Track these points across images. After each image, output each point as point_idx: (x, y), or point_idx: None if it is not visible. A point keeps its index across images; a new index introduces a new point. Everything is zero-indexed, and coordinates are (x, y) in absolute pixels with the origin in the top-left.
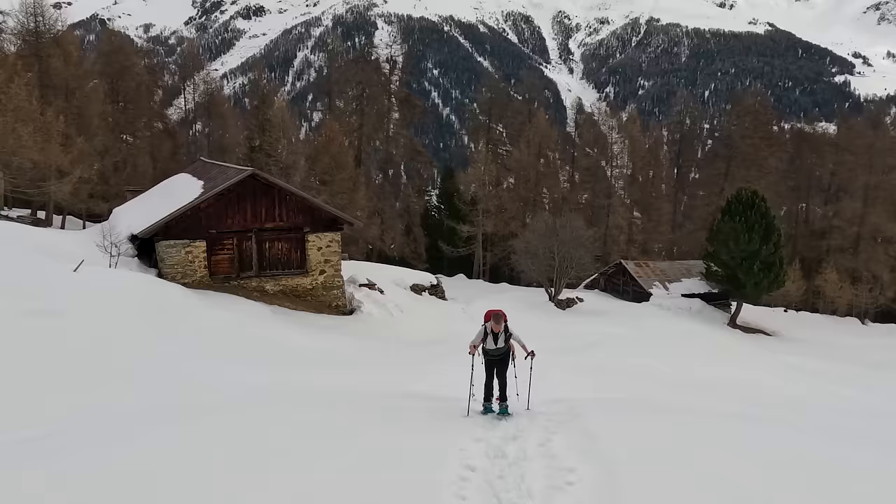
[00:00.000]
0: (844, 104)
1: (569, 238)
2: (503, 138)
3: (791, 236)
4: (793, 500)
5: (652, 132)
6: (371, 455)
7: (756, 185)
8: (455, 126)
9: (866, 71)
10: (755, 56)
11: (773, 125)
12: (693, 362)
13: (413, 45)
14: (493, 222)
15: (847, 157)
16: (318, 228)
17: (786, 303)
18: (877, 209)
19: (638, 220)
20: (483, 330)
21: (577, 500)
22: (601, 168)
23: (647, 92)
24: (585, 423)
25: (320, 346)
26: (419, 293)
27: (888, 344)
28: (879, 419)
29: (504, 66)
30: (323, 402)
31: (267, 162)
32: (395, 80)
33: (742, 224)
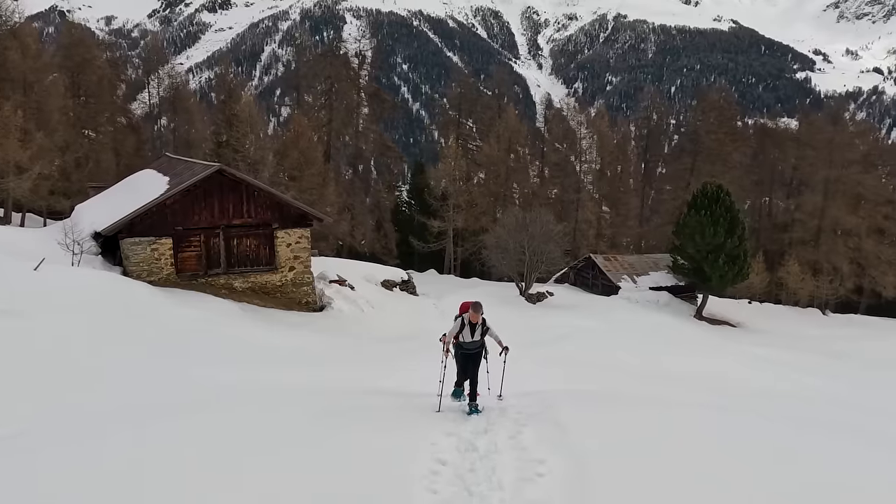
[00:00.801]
0: (805, 100)
1: (539, 233)
2: (473, 133)
3: (755, 229)
4: (761, 487)
5: (620, 127)
6: (342, 451)
7: (721, 179)
8: (425, 121)
9: (826, 68)
10: (720, 52)
11: (737, 121)
12: (661, 354)
13: (382, 39)
14: (464, 217)
15: (808, 151)
16: (286, 224)
17: (750, 294)
18: (836, 202)
19: (606, 214)
20: (461, 321)
21: (547, 492)
22: (570, 163)
23: (615, 88)
24: (555, 415)
25: (290, 344)
26: (390, 289)
27: (848, 334)
28: (844, 408)
29: (473, 62)
30: (292, 401)
31: (234, 157)
32: (364, 74)
33: (707, 218)
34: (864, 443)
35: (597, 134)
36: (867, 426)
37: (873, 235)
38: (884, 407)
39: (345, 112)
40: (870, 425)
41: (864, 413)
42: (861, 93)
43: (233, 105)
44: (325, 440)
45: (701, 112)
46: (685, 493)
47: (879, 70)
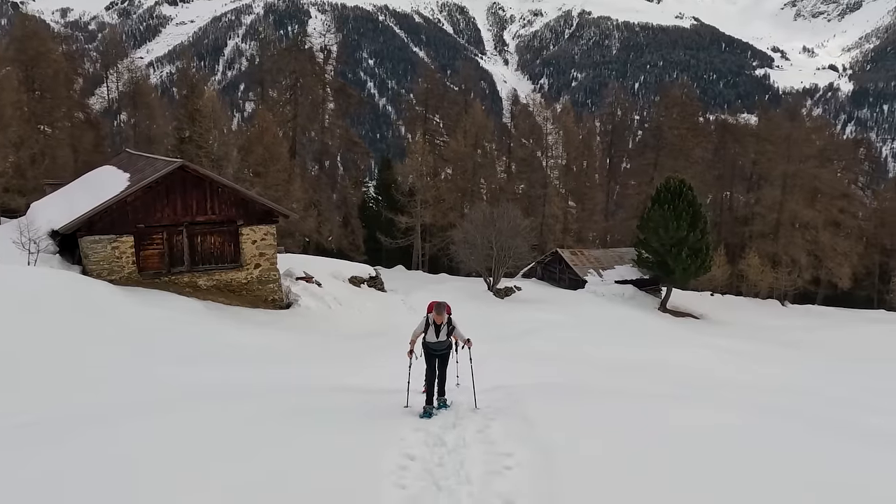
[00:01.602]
0: (765, 96)
1: (506, 228)
2: (440, 129)
3: (716, 223)
4: (725, 475)
5: (585, 123)
6: (309, 449)
7: (683, 174)
8: (392, 116)
9: (784, 65)
10: (682, 49)
11: (699, 117)
12: (627, 347)
13: (348, 34)
14: (432, 213)
15: (767, 147)
16: (252, 221)
17: (712, 287)
18: (794, 196)
19: (573, 209)
20: (425, 321)
21: (514, 484)
22: (537, 158)
23: (580, 84)
24: (523, 409)
25: (257, 342)
26: (358, 285)
27: (806, 324)
28: (804, 396)
29: (440, 57)
30: (260, 399)
31: (197, 153)
32: (329, 69)
33: (671, 212)
34: (809, 426)
35: (562, 129)
36: (822, 413)
37: (829, 228)
38: (844, 396)
39: (310, 107)
40: (826, 413)
41: (824, 401)
42: (817, 89)
43: (195, 100)
44: (292, 438)
45: (664, 108)
46: (650, 483)
47: (834, 67)
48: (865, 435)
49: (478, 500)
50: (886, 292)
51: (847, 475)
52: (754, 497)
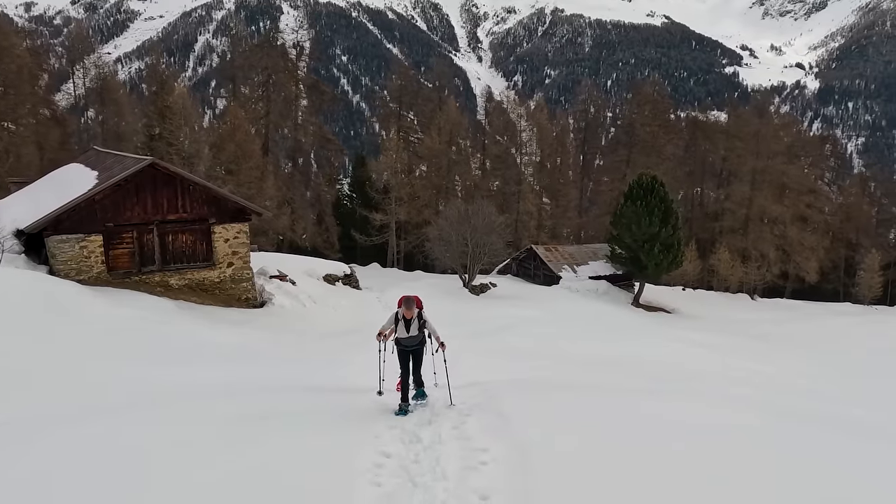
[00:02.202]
0: (734, 94)
1: (481, 225)
2: (414, 126)
3: (687, 219)
4: (698, 465)
5: (559, 120)
6: (284, 448)
7: (655, 170)
8: (366, 113)
9: (753, 63)
10: (653, 47)
11: (670, 114)
12: (601, 341)
13: (320, 30)
14: (406, 210)
15: (736, 143)
16: (224, 219)
17: (684, 282)
18: (763, 192)
19: (547, 205)
20: (394, 316)
21: (490, 479)
22: (511, 155)
23: (554, 81)
24: (498, 405)
25: (230, 341)
26: (332, 283)
27: (775, 318)
28: (772, 388)
29: (413, 54)
30: (234, 399)
31: (168, 151)
32: (302, 66)
33: (643, 208)
34: (773, 415)
35: (536, 126)
36: (791, 404)
37: (797, 223)
38: (814, 387)
39: (283, 104)
40: (798, 404)
41: (796, 393)
42: (785, 87)
43: (165, 97)
44: (266, 438)
45: (636, 105)
46: (625, 477)
47: (801, 65)
48: (826, 422)
49: (453, 495)
50: (852, 285)
51: (810, 459)
52: (728, 486)
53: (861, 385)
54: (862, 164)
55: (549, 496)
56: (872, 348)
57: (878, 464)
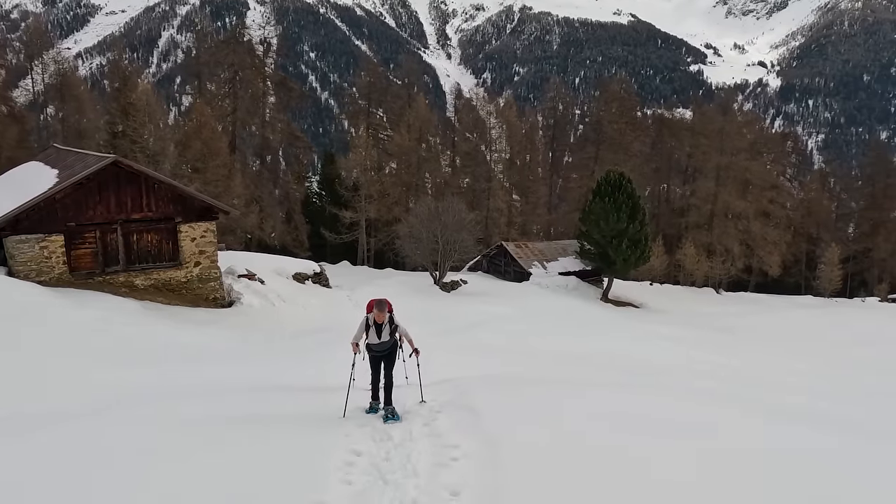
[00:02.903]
0: (699, 91)
1: (451, 222)
2: (384, 123)
3: (654, 215)
4: (664, 455)
5: (528, 117)
6: (254, 448)
7: (623, 167)
8: (335, 110)
9: (717, 61)
10: (620, 45)
11: (636, 111)
12: (571, 337)
13: (288, 26)
14: (376, 208)
15: (701, 140)
16: (190, 218)
17: (651, 276)
18: (727, 188)
19: (517, 202)
20: (365, 321)
21: (461, 475)
22: (481, 152)
23: (523, 78)
24: (469, 401)
25: (198, 341)
26: (302, 282)
27: (739, 311)
28: (736, 381)
29: (382, 51)
30: (202, 400)
31: (132, 149)
32: (269, 62)
33: (611, 204)
34: (738, 409)
35: (506, 124)
36: (756, 397)
37: (760, 218)
38: (779, 379)
39: (250, 101)
40: (763, 397)
41: (760, 386)
42: (748, 85)
43: (128, 93)
44: (238, 438)
45: (603, 103)
46: (595, 471)
47: (764, 64)
48: (786, 412)
49: (424, 492)
50: (813, 279)
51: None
52: (689, 478)
53: (828, 377)
54: (822, 160)
55: (520, 491)
56: (835, 340)
57: (839, 455)
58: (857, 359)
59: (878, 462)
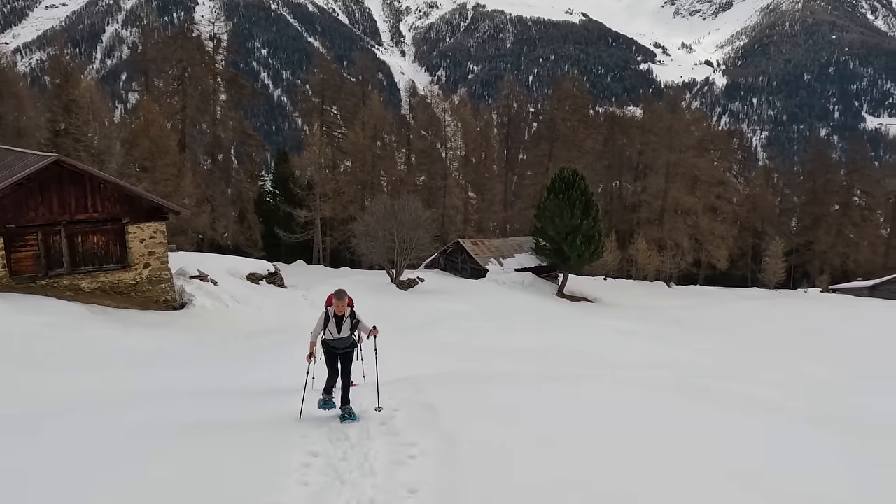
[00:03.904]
0: (648, 90)
1: (408, 219)
2: (338, 121)
3: (607, 211)
4: (621, 446)
5: (482, 115)
6: (208, 452)
7: (576, 164)
8: (287, 108)
9: (665, 60)
10: (572, 44)
11: (589, 109)
12: (528, 332)
13: (238, 22)
14: (332, 206)
15: (651, 138)
16: (139, 219)
17: (605, 272)
18: (676, 184)
19: (473, 199)
20: (324, 315)
21: (419, 473)
22: (436, 150)
23: (477, 76)
24: (427, 398)
25: (148, 345)
26: (256, 282)
27: (689, 303)
28: (684, 371)
29: (335, 48)
30: (152, 405)
31: (75, 147)
32: (220, 59)
33: (565, 201)
34: (691, 396)
35: (461, 121)
36: (707, 386)
37: (708, 213)
38: (730, 370)
39: (200, 98)
40: (713, 387)
41: (712, 376)
42: (695, 83)
43: (71, 90)
44: (190, 444)
45: (556, 101)
46: (551, 462)
47: (710, 63)
48: (722, 400)
49: (382, 490)
50: (759, 271)
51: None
52: (644, 464)
53: (772, 365)
54: (766, 156)
55: (477, 487)
56: (778, 330)
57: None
58: (802, 347)
59: (802, 442)
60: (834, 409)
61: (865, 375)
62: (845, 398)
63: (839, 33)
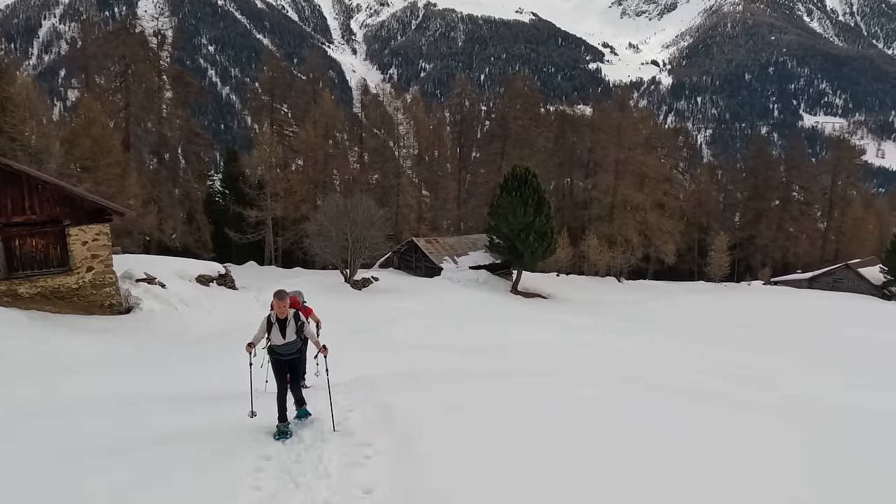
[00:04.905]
0: (597, 88)
1: (361, 219)
2: (289, 119)
3: (559, 208)
4: (563, 436)
5: (435, 113)
6: (157, 459)
7: (528, 162)
8: (237, 106)
9: (613, 59)
10: (523, 43)
11: (540, 107)
12: (483, 330)
13: (184, 18)
14: (283, 206)
15: (601, 136)
16: (81, 220)
17: (558, 268)
18: (625, 181)
19: (426, 198)
20: (266, 320)
21: (374, 473)
22: (389, 148)
23: (429, 74)
24: (381, 398)
25: (92, 351)
26: (206, 284)
27: (639, 298)
28: (635, 364)
29: (285, 45)
30: (96, 413)
31: (11, 147)
32: (164, 55)
33: (518, 199)
34: (643, 389)
35: (413, 120)
36: (659, 379)
37: (656, 209)
38: (681, 363)
39: (144, 96)
40: (666, 379)
41: (666, 369)
42: (642, 82)
43: (6, 87)
44: (135, 452)
45: (508, 99)
46: (505, 457)
47: (656, 62)
48: (674, 392)
49: (336, 492)
50: (704, 265)
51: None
52: (594, 454)
53: (720, 356)
54: (710, 154)
55: (432, 484)
56: (713, 323)
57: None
58: (746, 338)
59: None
60: (774, 398)
61: (807, 364)
62: (787, 386)
63: (778, 34)
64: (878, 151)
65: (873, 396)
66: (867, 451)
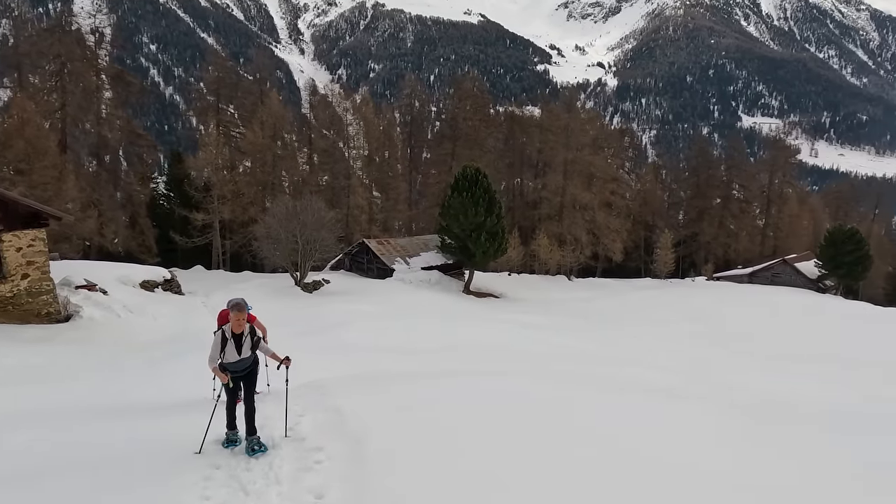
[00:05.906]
0: (545, 90)
1: (311, 220)
2: (235, 120)
3: (510, 208)
4: (521, 434)
5: (385, 114)
6: (107, 466)
7: (479, 162)
8: (181, 107)
9: (560, 61)
10: (471, 44)
11: (489, 108)
12: (436, 330)
13: (123, 15)
14: (231, 208)
15: (549, 136)
16: (14, 226)
17: (509, 267)
18: (574, 181)
19: (377, 199)
20: (220, 336)
21: (325, 477)
22: (339, 149)
23: (378, 75)
24: (332, 402)
25: (28, 362)
26: (151, 290)
27: (589, 295)
28: (587, 361)
29: (231, 44)
30: (37, 424)
31: None
32: (103, 54)
33: (469, 199)
34: (596, 388)
35: (363, 120)
36: (613, 375)
37: (603, 209)
38: (637, 358)
39: (82, 96)
40: (618, 375)
41: (618, 364)
42: (589, 84)
43: None
44: (74, 466)
45: (458, 100)
46: (458, 457)
47: (602, 65)
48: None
49: (287, 498)
50: (651, 262)
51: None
52: (546, 446)
53: (667, 350)
54: (654, 154)
55: (385, 486)
56: (659, 318)
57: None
58: (691, 332)
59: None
60: (716, 389)
61: (746, 355)
62: (727, 377)
63: (717, 38)
64: (811, 151)
65: (794, 383)
66: (780, 436)
